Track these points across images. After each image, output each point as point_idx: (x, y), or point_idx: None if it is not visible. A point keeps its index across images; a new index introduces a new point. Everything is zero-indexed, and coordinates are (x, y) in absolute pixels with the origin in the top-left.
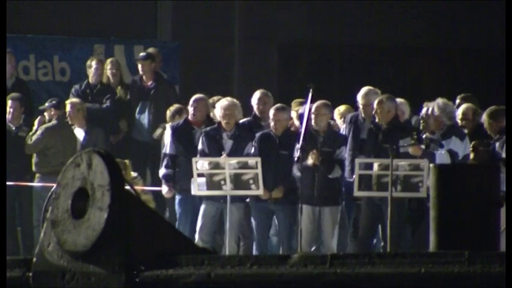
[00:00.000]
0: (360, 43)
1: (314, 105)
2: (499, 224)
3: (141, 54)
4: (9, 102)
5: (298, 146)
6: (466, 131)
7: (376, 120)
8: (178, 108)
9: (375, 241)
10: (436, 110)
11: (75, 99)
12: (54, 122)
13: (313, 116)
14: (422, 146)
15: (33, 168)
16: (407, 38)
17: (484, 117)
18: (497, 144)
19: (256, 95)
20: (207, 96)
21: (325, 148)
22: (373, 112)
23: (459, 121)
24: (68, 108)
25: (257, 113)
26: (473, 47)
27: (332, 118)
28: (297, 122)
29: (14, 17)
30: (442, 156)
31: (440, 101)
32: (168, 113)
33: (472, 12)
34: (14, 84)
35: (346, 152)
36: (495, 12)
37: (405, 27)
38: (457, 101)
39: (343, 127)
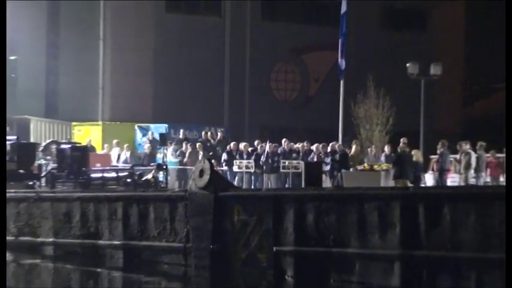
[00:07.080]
0: None
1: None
2: (321, 178)
3: (219, 133)
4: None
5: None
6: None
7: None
8: (228, 148)
9: None
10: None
11: (198, 144)
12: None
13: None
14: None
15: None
16: None
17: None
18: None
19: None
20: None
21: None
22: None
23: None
24: (197, 147)
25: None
26: None
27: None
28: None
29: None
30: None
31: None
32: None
33: None
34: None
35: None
36: None
37: None
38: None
39: None
